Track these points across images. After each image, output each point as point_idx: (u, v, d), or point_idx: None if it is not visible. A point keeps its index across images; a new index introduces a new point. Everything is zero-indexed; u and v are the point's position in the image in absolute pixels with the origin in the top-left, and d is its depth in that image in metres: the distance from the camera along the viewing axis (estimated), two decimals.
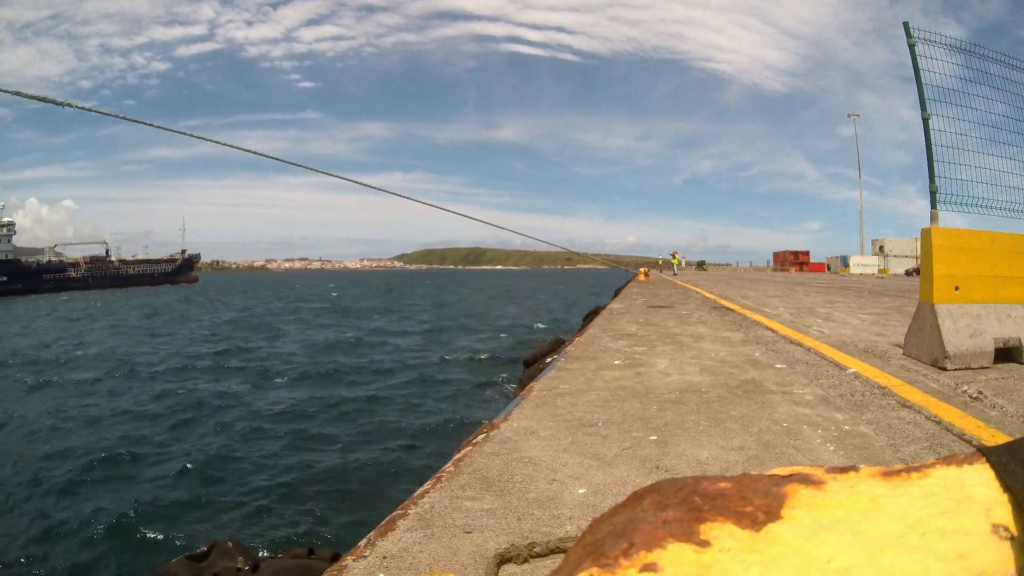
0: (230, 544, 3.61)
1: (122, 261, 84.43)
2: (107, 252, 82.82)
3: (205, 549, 3.61)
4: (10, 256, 68.99)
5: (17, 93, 2.89)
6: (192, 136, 4.11)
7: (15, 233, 70.49)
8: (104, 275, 79.07)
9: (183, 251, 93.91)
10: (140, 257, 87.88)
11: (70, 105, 3.06)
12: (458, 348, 18.49)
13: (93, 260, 79.74)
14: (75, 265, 76.92)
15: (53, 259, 76.11)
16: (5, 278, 65.92)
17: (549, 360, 8.33)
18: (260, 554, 4.30)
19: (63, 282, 72.77)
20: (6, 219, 69.84)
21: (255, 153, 4.28)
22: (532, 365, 9.34)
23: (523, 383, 8.96)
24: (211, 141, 4.18)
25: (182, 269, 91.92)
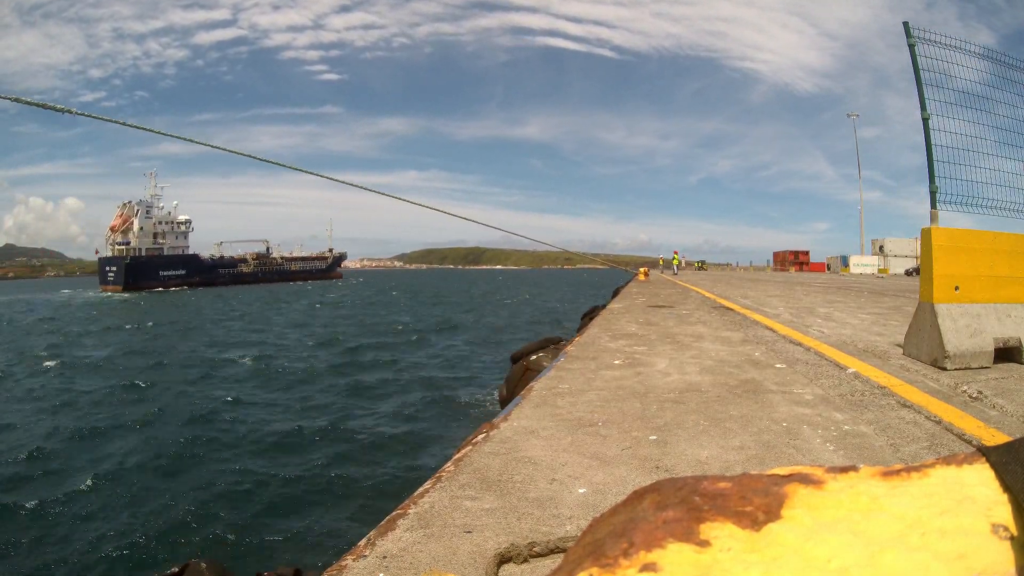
0: (203, 565, 3.41)
1: (284, 258, 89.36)
2: (268, 249, 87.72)
3: (177, 570, 3.44)
4: (186, 251, 73.53)
5: (17, 99, 2.89)
6: (182, 139, 4.12)
7: (192, 230, 74.99)
8: (271, 271, 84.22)
9: (330, 249, 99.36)
10: (295, 255, 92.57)
11: (69, 111, 3.05)
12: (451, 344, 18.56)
13: (259, 256, 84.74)
14: (244, 261, 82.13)
15: (225, 255, 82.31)
16: (183, 271, 70.21)
17: (534, 357, 8.34)
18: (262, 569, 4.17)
19: (237, 276, 78.02)
20: (182, 217, 74.04)
21: (241, 154, 4.27)
22: (519, 361, 9.32)
23: (509, 380, 8.97)
24: (208, 146, 4.18)
25: (332, 266, 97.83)
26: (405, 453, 8.15)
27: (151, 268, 67.06)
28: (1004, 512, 0.42)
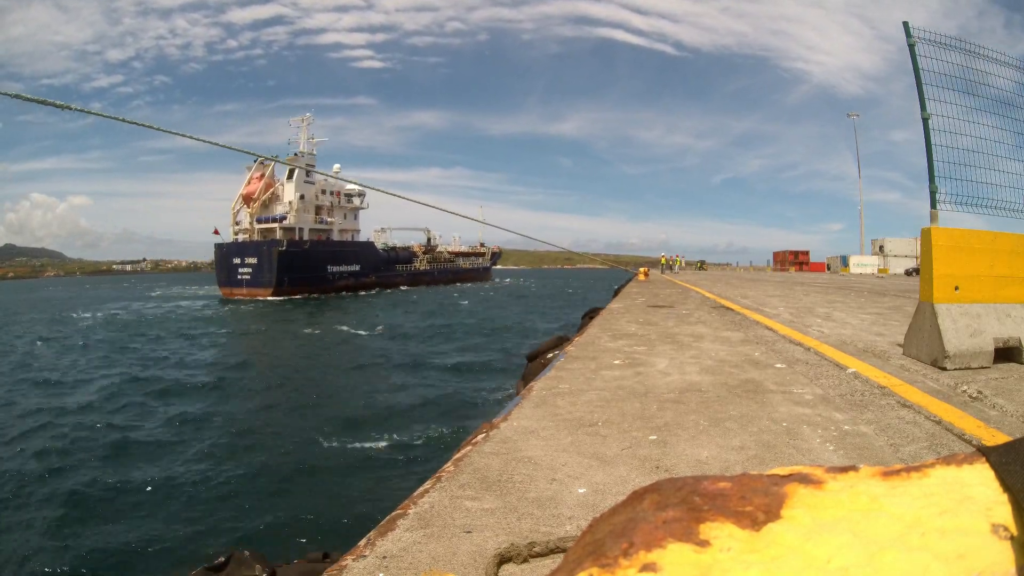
0: (247, 553, 3.70)
1: (451, 252, 73.54)
2: (429, 240, 69.77)
3: (223, 560, 3.69)
4: (356, 237, 52.76)
5: (18, 96, 2.89)
6: (184, 136, 4.09)
7: (366, 207, 53.56)
8: (443, 268, 67.72)
9: (481, 244, 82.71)
10: (454, 249, 75.75)
11: (70, 108, 3.05)
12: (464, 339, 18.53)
13: (427, 250, 67.09)
14: (414, 254, 63.94)
15: (398, 245, 63.62)
16: (357, 266, 49.33)
17: (551, 356, 8.37)
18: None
19: (414, 275, 60.17)
20: (351, 186, 50.58)
21: (241, 151, 4.28)
22: (535, 360, 9.38)
23: (526, 378, 8.99)
24: (209, 142, 4.18)
25: (491, 264, 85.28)
26: (405, 453, 8.15)
27: (317, 261, 44.25)
28: (1004, 512, 0.42)
